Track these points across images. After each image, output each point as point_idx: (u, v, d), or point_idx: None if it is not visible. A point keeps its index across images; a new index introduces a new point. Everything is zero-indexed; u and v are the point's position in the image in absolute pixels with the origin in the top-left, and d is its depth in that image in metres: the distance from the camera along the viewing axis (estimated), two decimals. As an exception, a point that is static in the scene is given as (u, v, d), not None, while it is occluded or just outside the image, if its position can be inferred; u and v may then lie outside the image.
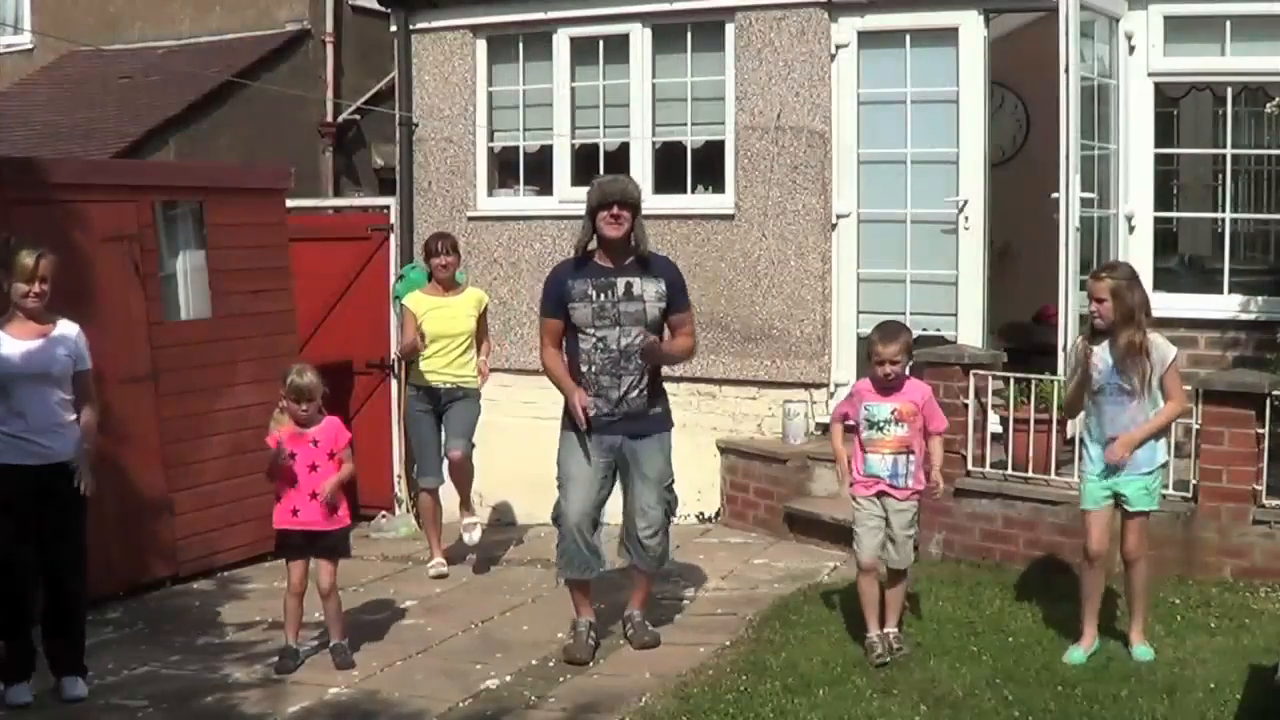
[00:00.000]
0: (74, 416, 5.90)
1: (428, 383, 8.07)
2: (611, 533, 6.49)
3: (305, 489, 6.19)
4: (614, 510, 6.39)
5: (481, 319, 8.20)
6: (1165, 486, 6.12)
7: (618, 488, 6.32)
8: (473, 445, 8.15)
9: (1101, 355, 5.71)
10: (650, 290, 6.11)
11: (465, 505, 8.24)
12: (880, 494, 5.91)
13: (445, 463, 8.16)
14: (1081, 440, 6.01)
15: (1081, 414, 5.96)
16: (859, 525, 5.96)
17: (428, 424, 8.16)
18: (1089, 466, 5.82)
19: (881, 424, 5.86)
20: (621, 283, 6.08)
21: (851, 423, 5.98)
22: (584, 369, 6.13)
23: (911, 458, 5.89)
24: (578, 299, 6.09)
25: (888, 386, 5.90)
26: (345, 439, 6.36)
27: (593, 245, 6.18)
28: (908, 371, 6.05)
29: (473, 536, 8.14)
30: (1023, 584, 6.85)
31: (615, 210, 6.05)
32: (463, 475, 8.18)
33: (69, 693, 5.86)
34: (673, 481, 6.33)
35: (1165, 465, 5.89)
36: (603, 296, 6.07)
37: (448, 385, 8.05)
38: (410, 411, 8.28)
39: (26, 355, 5.75)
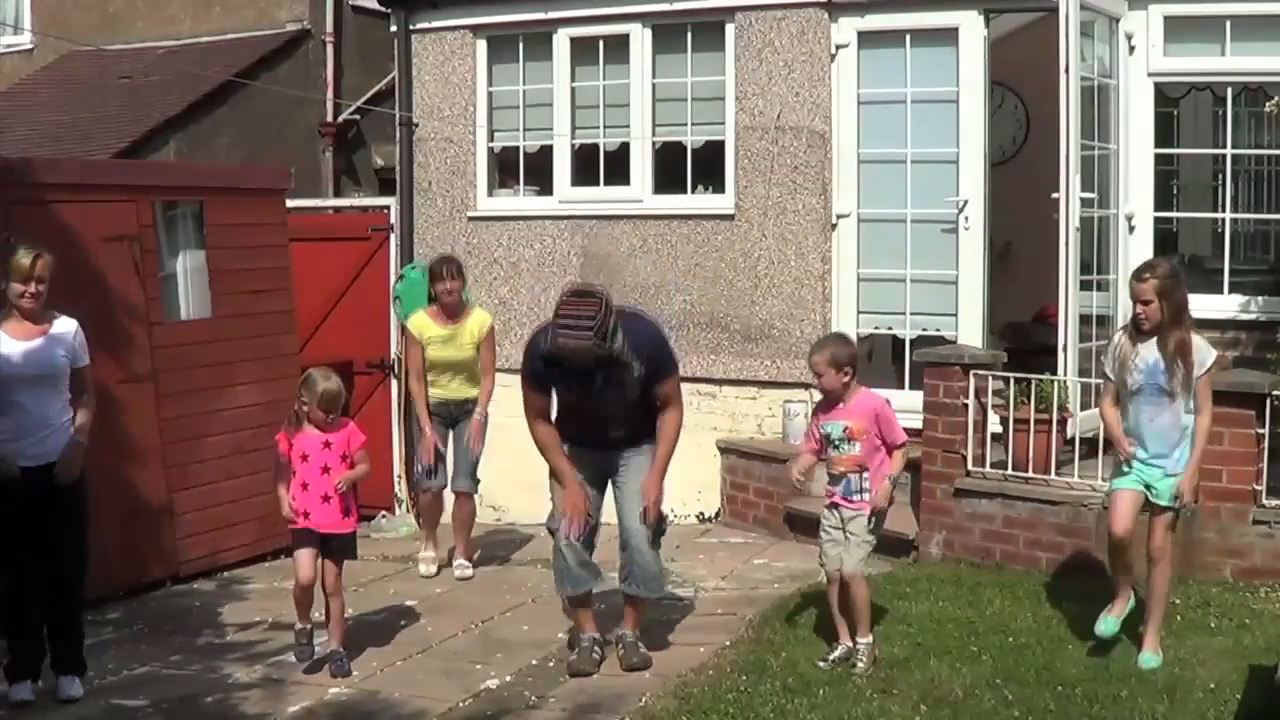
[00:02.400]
0: (71, 415, 5.89)
1: (438, 399, 8.03)
2: (609, 532, 6.46)
3: (316, 492, 6.14)
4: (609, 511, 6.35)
5: (486, 343, 7.97)
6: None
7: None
8: (478, 482, 8.13)
9: (1144, 355, 5.65)
10: (630, 375, 5.80)
11: (463, 553, 8.12)
12: (834, 505, 5.92)
13: (450, 471, 8.16)
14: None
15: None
16: (821, 536, 5.99)
17: (437, 429, 8.11)
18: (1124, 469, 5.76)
19: (837, 442, 5.84)
20: (600, 375, 5.74)
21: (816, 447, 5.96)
22: (565, 420, 6.00)
23: (865, 475, 5.82)
24: (557, 382, 5.87)
25: (830, 401, 5.88)
26: (360, 441, 6.29)
27: None
28: (855, 384, 5.87)
29: (463, 575, 8.06)
30: (1023, 584, 6.85)
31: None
32: (464, 520, 8.12)
33: (64, 692, 5.86)
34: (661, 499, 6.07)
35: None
36: (584, 385, 5.80)
37: (458, 400, 8.04)
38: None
39: (24, 355, 5.74)
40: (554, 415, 6.13)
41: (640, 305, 7.60)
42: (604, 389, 5.78)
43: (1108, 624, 5.72)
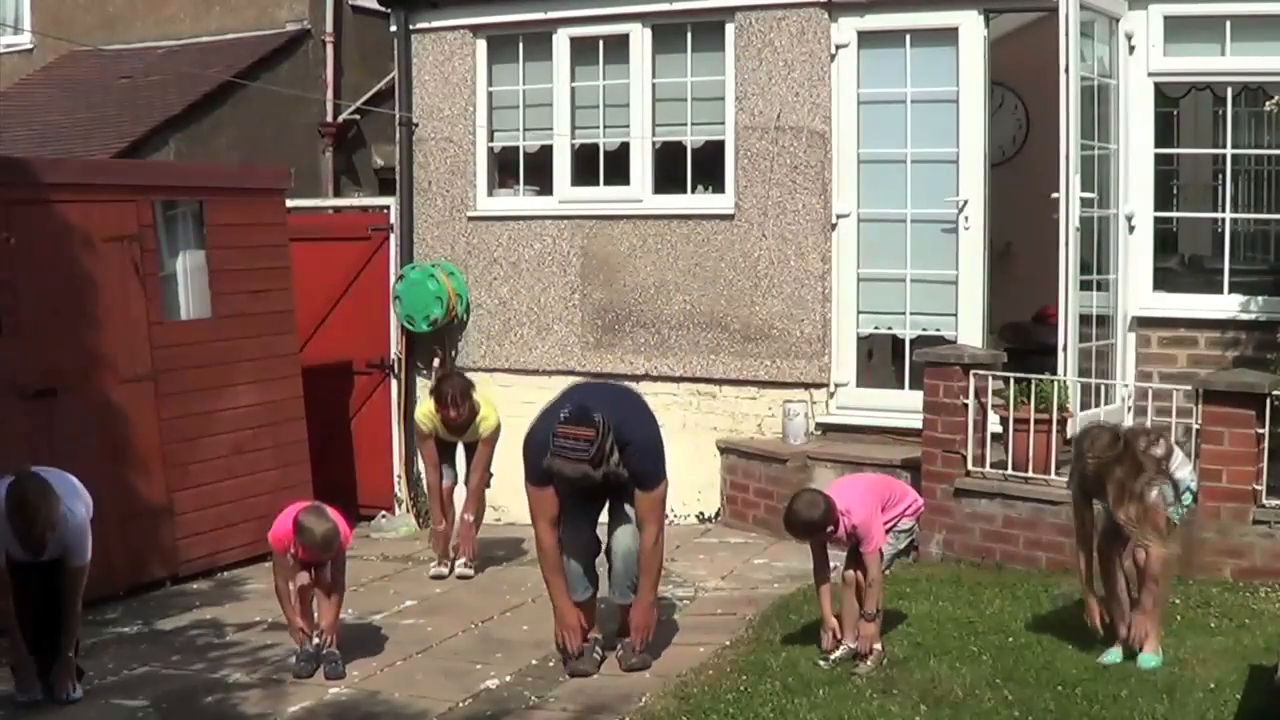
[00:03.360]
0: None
1: (442, 438, 8.11)
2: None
3: (308, 594, 6.20)
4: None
5: (486, 442, 7.96)
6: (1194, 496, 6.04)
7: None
8: (491, 475, 8.11)
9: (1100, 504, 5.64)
10: (622, 477, 5.88)
11: (468, 552, 8.11)
12: None
13: (458, 475, 8.22)
14: None
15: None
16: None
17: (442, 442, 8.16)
18: None
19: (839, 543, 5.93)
20: (598, 473, 5.76)
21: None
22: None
23: (868, 580, 5.84)
24: (555, 477, 5.87)
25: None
26: (345, 543, 6.26)
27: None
28: (841, 521, 5.83)
29: (464, 574, 8.06)
30: (1023, 584, 6.85)
31: None
32: (474, 514, 8.09)
33: (63, 692, 5.87)
34: None
35: (1191, 481, 5.83)
36: (579, 483, 5.83)
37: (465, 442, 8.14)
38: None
39: (34, 562, 5.73)
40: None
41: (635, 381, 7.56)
42: (601, 483, 5.84)
43: (1111, 655, 5.71)
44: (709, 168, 9.53)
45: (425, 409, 8.07)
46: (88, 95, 13.02)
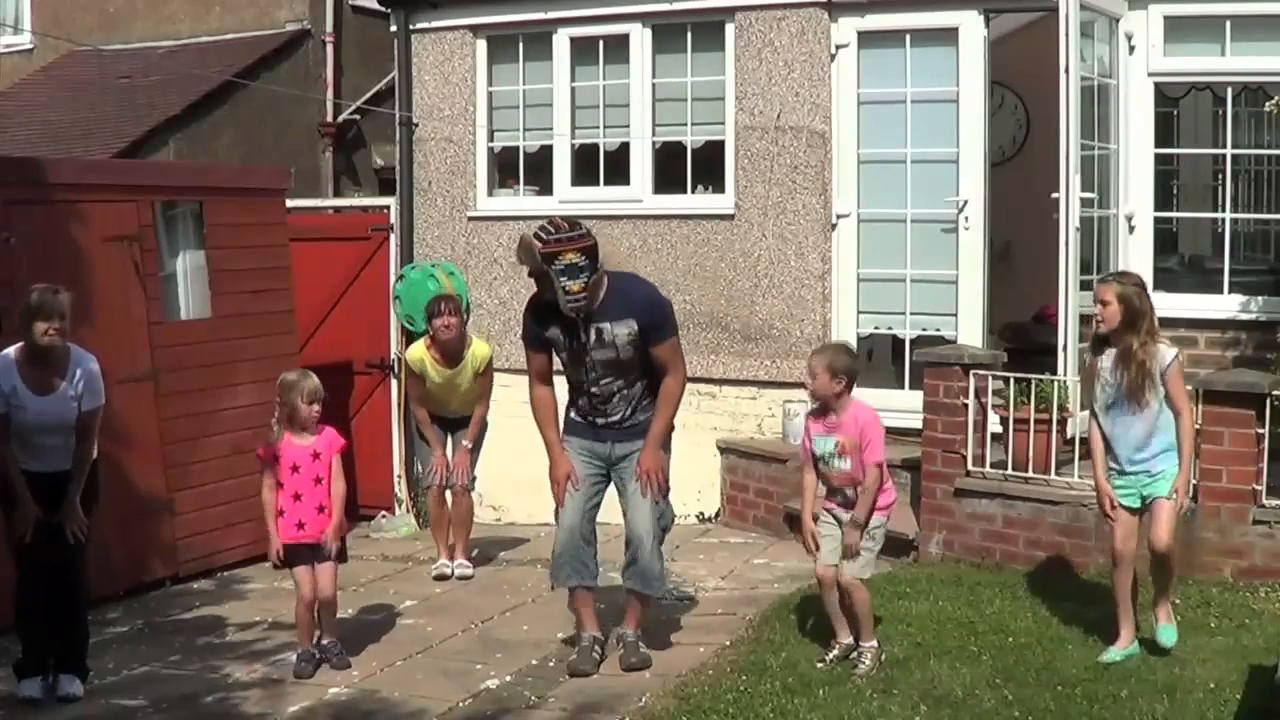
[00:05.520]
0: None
1: (435, 413, 8.08)
2: (612, 530, 6.47)
3: (311, 503, 6.13)
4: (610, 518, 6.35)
5: (484, 377, 7.98)
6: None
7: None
8: (474, 479, 8.10)
9: (1106, 366, 5.66)
10: (621, 333, 5.81)
11: (463, 552, 8.10)
12: (831, 509, 5.86)
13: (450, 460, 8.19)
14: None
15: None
16: (819, 529, 5.90)
17: (435, 432, 8.13)
18: (1112, 474, 5.77)
19: (827, 458, 5.78)
20: (591, 329, 5.80)
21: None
22: (569, 404, 6.09)
23: (862, 488, 5.76)
24: (551, 339, 5.93)
25: (822, 410, 5.82)
26: (340, 446, 6.31)
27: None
28: (848, 398, 5.78)
29: (464, 574, 8.06)
30: (1023, 584, 6.85)
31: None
32: (463, 517, 8.09)
33: (65, 690, 5.88)
34: (667, 492, 6.05)
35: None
36: (574, 343, 5.85)
37: (456, 417, 8.08)
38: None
39: (42, 410, 5.78)
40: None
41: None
42: (596, 345, 5.82)
43: (1111, 655, 5.71)
44: (709, 168, 9.53)
45: (417, 350, 8.02)
46: (88, 95, 13.02)
